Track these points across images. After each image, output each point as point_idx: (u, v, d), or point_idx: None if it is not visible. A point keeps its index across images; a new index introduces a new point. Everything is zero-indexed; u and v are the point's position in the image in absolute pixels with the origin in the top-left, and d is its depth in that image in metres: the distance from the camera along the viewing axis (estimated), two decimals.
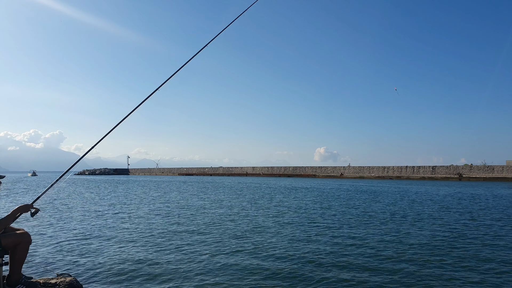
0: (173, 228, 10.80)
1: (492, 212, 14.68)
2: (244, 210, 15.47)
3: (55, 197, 22.75)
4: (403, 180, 59.85)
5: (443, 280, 5.89)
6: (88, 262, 6.94)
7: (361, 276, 6.11)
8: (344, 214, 13.97)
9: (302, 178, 69.04)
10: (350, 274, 6.19)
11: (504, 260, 7.09)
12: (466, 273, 6.27)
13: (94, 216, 13.54)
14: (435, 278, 6.00)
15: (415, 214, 14.00)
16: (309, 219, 12.69)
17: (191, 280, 5.90)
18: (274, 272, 6.32)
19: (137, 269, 6.52)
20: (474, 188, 33.22)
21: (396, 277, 6.04)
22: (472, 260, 7.13)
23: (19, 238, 4.19)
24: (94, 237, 9.43)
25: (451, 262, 6.99)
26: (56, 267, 6.57)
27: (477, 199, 20.95)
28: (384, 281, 5.84)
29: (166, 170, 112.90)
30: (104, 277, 6.06)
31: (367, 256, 7.39)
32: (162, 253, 7.71)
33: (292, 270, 6.43)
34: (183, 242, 8.84)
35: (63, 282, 4.73)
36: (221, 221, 12.29)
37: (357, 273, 6.25)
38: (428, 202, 19.32)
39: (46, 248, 8.17)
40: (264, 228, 10.77)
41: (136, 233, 10.00)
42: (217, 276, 6.13)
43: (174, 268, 6.55)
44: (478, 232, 10.11)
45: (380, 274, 6.20)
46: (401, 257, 7.34)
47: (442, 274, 6.19)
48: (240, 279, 5.95)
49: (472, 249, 8.01)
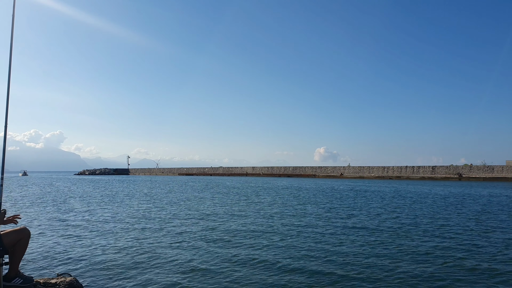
0: (175, 228, 10.83)
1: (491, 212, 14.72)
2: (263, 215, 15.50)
3: (55, 197, 22.78)
4: (403, 180, 59.86)
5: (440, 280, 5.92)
6: (88, 262, 6.96)
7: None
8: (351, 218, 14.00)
9: (302, 178, 69.06)
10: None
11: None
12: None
13: (94, 216, 13.56)
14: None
15: (412, 215, 14.04)
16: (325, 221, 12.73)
17: (192, 280, 5.93)
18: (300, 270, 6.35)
19: (138, 269, 6.54)
20: (474, 188, 33.25)
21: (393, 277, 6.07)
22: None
23: (20, 235, 4.27)
24: (94, 237, 9.45)
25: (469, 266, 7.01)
26: (56, 267, 6.60)
27: (478, 200, 20.98)
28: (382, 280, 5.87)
29: (166, 170, 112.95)
30: (104, 277, 6.09)
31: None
32: (162, 253, 7.73)
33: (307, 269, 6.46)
34: (184, 242, 8.86)
35: (63, 282, 4.77)
36: (225, 220, 12.32)
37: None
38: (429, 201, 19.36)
39: (46, 248, 8.19)
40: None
41: (137, 233, 10.02)
42: (217, 276, 6.16)
43: (175, 268, 6.58)
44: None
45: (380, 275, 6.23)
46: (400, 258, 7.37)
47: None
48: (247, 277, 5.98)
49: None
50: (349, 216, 13.61)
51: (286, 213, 14.41)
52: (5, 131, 4.50)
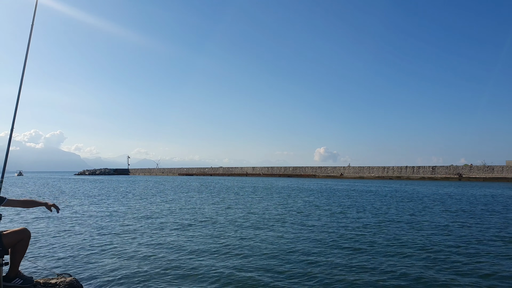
0: (175, 228, 10.82)
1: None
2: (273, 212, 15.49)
3: (55, 197, 22.78)
4: (403, 180, 59.86)
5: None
6: (88, 262, 6.96)
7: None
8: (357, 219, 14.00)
9: (302, 178, 69.05)
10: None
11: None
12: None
13: (95, 216, 13.56)
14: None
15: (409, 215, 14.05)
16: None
17: (192, 280, 5.93)
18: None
19: (138, 269, 6.53)
20: (473, 188, 33.24)
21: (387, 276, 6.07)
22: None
23: (20, 235, 4.27)
24: (95, 237, 9.45)
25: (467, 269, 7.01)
26: (56, 267, 6.60)
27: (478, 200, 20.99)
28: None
29: (166, 170, 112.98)
30: (104, 277, 6.09)
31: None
32: (163, 252, 7.73)
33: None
34: (184, 242, 8.86)
35: (63, 282, 4.76)
36: (230, 220, 12.32)
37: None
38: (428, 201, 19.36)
39: (46, 247, 8.19)
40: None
41: (137, 233, 10.02)
42: (216, 277, 6.16)
43: (176, 268, 6.58)
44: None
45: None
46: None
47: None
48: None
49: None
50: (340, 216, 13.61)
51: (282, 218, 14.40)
52: (10, 134, 4.51)
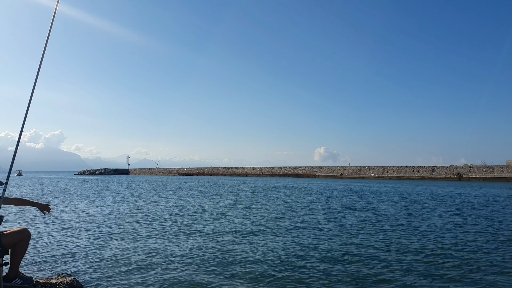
0: (175, 228, 10.82)
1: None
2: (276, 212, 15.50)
3: (55, 197, 22.79)
4: (403, 180, 59.86)
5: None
6: (88, 262, 6.96)
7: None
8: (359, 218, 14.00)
9: (302, 178, 69.06)
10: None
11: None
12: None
13: (94, 216, 13.56)
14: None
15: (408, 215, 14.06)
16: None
17: (193, 280, 5.93)
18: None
19: (138, 269, 6.54)
20: (473, 188, 33.25)
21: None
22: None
23: (20, 235, 4.28)
24: (94, 237, 9.45)
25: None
26: (56, 267, 6.60)
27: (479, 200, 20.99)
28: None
29: (166, 170, 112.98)
30: (104, 277, 6.09)
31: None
32: (163, 252, 7.74)
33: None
34: (184, 242, 8.86)
35: (63, 282, 4.77)
36: (229, 220, 12.33)
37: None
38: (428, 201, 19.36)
39: (47, 248, 8.19)
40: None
41: (137, 233, 10.02)
42: (216, 277, 6.16)
43: (176, 268, 6.58)
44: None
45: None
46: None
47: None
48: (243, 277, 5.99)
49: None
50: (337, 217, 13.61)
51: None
52: (18, 139, 4.52)
